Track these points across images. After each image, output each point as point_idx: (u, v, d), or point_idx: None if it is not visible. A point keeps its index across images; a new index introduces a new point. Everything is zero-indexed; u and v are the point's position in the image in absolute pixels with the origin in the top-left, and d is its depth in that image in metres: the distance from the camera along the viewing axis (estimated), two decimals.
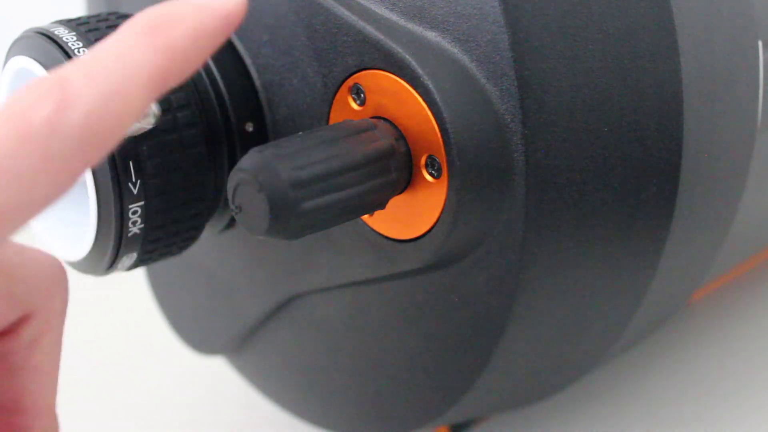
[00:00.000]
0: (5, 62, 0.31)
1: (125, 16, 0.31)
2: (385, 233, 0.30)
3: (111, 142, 0.21)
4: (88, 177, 0.29)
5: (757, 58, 0.33)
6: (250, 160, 0.26)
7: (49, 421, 0.27)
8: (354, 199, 0.27)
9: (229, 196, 0.27)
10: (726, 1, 0.32)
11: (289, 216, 0.26)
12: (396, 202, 0.29)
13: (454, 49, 0.28)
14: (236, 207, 0.27)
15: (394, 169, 0.28)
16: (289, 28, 0.31)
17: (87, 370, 0.47)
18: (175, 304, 0.41)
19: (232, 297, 0.38)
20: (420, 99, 0.27)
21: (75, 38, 0.30)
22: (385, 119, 0.29)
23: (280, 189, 0.26)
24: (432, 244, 0.29)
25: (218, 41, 0.23)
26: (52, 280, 0.25)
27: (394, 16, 0.29)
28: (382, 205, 0.29)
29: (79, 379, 0.45)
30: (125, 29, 0.22)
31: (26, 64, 0.30)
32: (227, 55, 0.32)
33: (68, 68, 0.21)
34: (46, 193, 0.20)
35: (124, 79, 0.21)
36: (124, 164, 0.29)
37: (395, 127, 0.28)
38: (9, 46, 0.31)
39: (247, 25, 0.32)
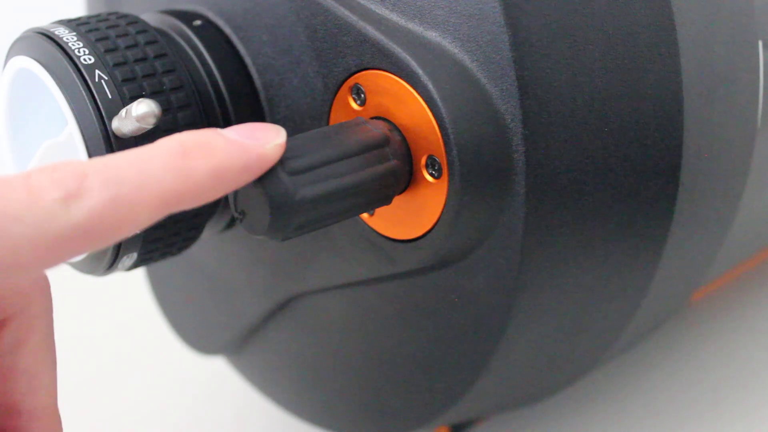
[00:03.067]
0: (5, 62, 0.31)
1: (125, 16, 0.31)
2: (385, 233, 0.30)
3: (104, 242, 0.22)
4: None
5: (757, 58, 0.32)
6: None
7: (48, 422, 0.27)
8: (354, 188, 0.27)
9: (231, 203, 0.27)
10: (726, 1, 0.32)
11: (289, 206, 0.26)
12: (396, 202, 0.29)
13: (454, 49, 0.28)
14: (240, 213, 0.27)
15: (392, 155, 0.28)
16: (290, 28, 0.31)
17: (87, 370, 0.47)
18: (175, 304, 0.41)
19: (232, 297, 0.38)
20: (420, 99, 0.27)
21: (75, 38, 0.30)
22: (385, 119, 0.29)
23: (276, 178, 0.26)
24: (432, 244, 0.29)
25: (242, 180, 0.24)
26: (30, 286, 0.26)
27: (394, 16, 0.29)
28: (387, 199, 0.28)
29: (79, 379, 0.45)
30: (158, 144, 0.23)
31: (26, 64, 0.30)
32: (227, 55, 0.32)
33: (91, 164, 0.22)
34: (31, 261, 0.21)
35: (135, 190, 0.22)
36: None
37: (390, 122, 0.28)
38: (9, 46, 0.31)
39: (248, 25, 0.32)
